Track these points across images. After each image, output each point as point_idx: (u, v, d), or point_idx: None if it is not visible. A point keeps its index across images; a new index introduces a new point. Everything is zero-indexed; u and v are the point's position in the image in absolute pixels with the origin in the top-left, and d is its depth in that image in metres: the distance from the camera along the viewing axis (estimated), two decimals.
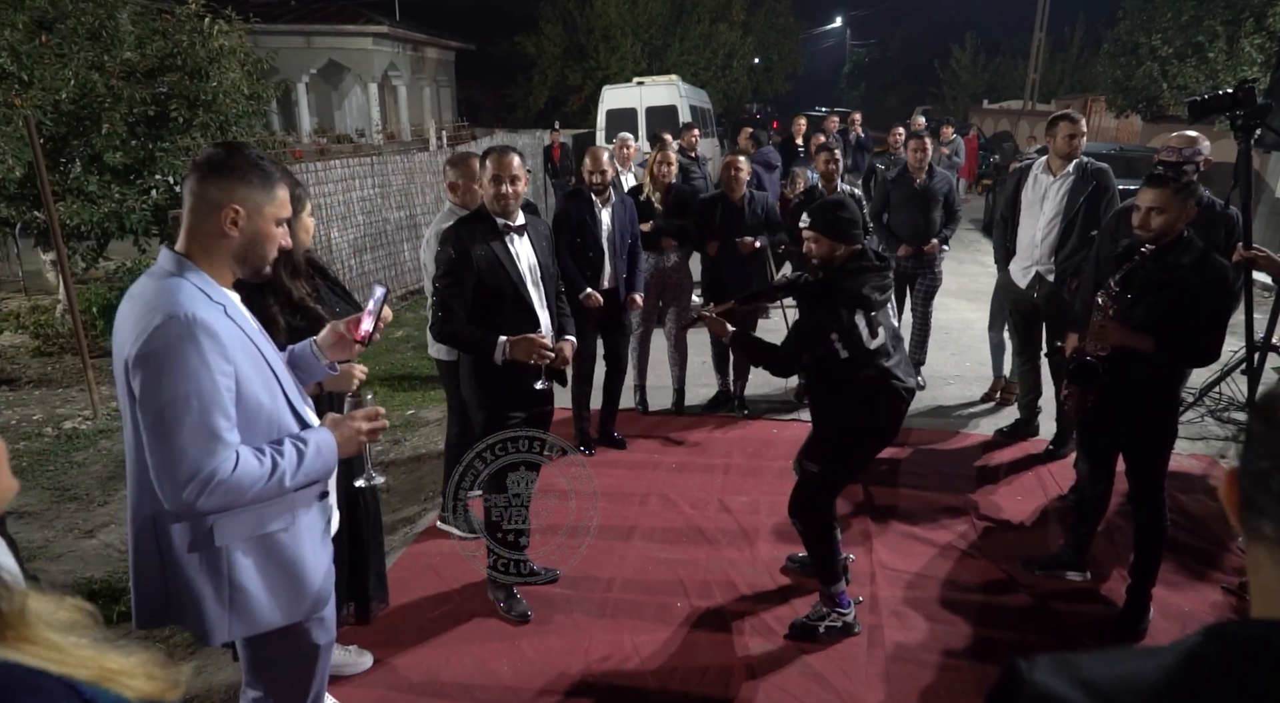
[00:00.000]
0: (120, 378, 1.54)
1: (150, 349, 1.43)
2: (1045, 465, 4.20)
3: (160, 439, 1.43)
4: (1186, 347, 2.62)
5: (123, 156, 6.45)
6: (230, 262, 1.58)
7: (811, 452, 2.83)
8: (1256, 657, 0.58)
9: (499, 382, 2.81)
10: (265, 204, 1.57)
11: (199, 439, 1.43)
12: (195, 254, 1.55)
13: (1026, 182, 4.19)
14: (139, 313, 1.48)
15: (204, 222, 1.54)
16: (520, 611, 2.98)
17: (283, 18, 20.20)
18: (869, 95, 41.88)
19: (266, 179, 1.56)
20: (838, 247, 2.66)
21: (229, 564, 1.57)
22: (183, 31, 6.80)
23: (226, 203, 1.52)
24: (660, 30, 24.39)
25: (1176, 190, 2.63)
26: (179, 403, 1.43)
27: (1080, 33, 28.22)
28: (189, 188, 1.55)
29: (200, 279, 1.53)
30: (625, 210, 4.21)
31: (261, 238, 1.58)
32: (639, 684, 2.64)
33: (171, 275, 1.52)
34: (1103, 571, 3.22)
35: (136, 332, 1.46)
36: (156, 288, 1.51)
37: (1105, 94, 16.31)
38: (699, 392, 5.19)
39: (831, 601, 2.82)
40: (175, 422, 1.43)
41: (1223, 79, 11.35)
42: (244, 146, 1.59)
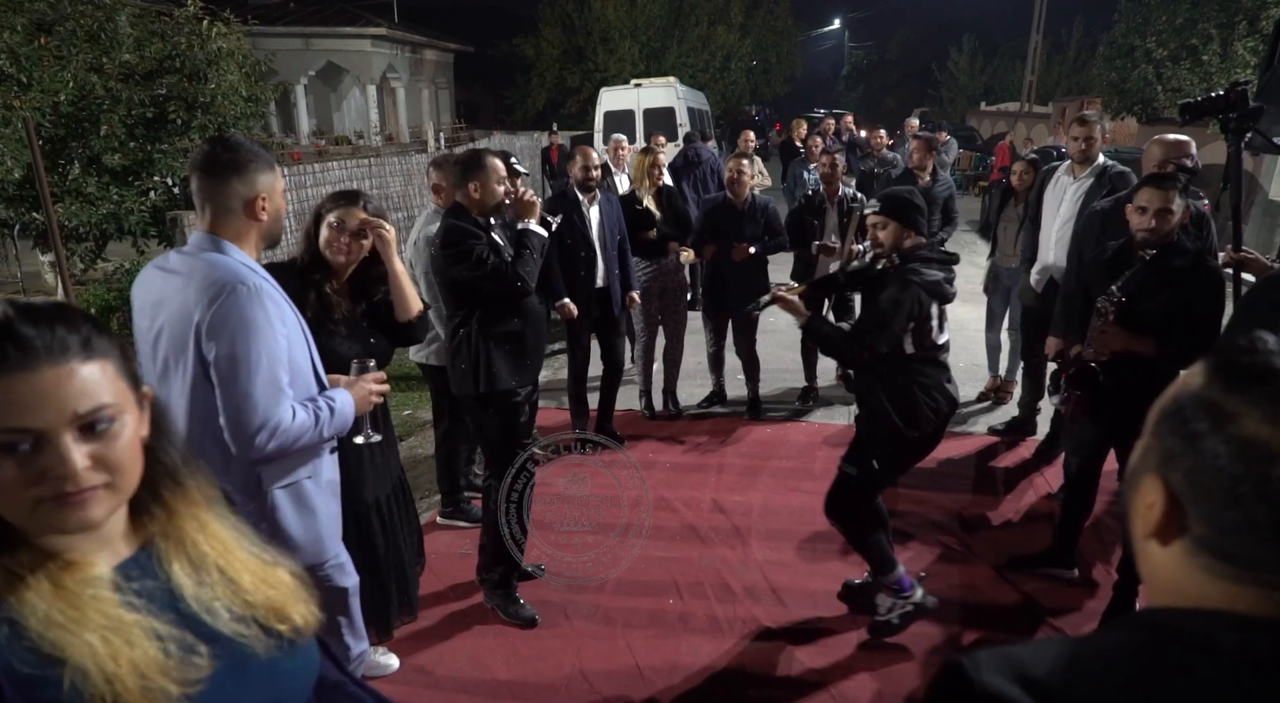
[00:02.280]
0: (170, 343, 1.66)
1: (226, 314, 1.60)
2: (1036, 465, 4.23)
3: (236, 392, 1.62)
4: (1184, 349, 2.63)
5: (121, 158, 6.48)
6: (258, 240, 1.76)
7: (854, 455, 2.77)
8: (1182, 644, 0.60)
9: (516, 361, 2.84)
10: (276, 182, 1.75)
11: (269, 392, 1.64)
12: (228, 237, 1.71)
13: (1050, 184, 4.16)
14: (198, 285, 1.63)
15: (235, 212, 1.70)
16: (526, 615, 2.95)
17: (281, 20, 20.23)
18: (867, 97, 41.96)
19: (268, 162, 1.73)
20: (907, 234, 2.62)
21: (272, 509, 1.77)
22: (181, 34, 6.83)
23: (254, 193, 1.69)
24: (658, 32, 24.44)
25: (1181, 191, 2.66)
26: (253, 360, 1.61)
27: (1077, 35, 28.31)
28: (205, 187, 1.68)
29: (242, 257, 1.71)
30: (612, 208, 4.24)
31: (280, 213, 1.77)
32: (633, 682, 2.66)
33: (212, 252, 1.68)
34: (1090, 567, 3.25)
35: (204, 300, 1.60)
36: (208, 262, 1.66)
37: (1101, 96, 16.36)
38: (692, 391, 5.22)
39: (894, 589, 2.81)
40: (250, 377, 1.61)
41: (1216, 81, 11.40)
42: (236, 138, 1.73)
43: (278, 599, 0.94)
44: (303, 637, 0.96)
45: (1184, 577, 0.64)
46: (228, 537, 0.94)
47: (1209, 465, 0.60)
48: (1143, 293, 2.69)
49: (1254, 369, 0.61)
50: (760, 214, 4.61)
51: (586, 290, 4.19)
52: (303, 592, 0.98)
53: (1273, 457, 0.57)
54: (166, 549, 0.90)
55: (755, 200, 4.62)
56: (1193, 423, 0.62)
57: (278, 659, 0.93)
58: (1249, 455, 0.58)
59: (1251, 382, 0.60)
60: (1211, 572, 0.62)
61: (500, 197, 2.77)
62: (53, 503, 0.79)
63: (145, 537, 0.91)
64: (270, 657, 0.92)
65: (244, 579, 0.93)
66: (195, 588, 0.89)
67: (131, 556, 0.89)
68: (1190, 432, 0.62)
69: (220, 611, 0.89)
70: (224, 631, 0.89)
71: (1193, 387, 0.64)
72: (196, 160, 1.69)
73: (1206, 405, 0.62)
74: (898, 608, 2.81)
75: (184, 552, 0.90)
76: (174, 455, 0.92)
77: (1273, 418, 0.58)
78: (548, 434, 4.56)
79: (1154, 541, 0.66)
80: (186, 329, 1.63)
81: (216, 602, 0.90)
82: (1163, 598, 0.66)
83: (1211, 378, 0.63)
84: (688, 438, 4.64)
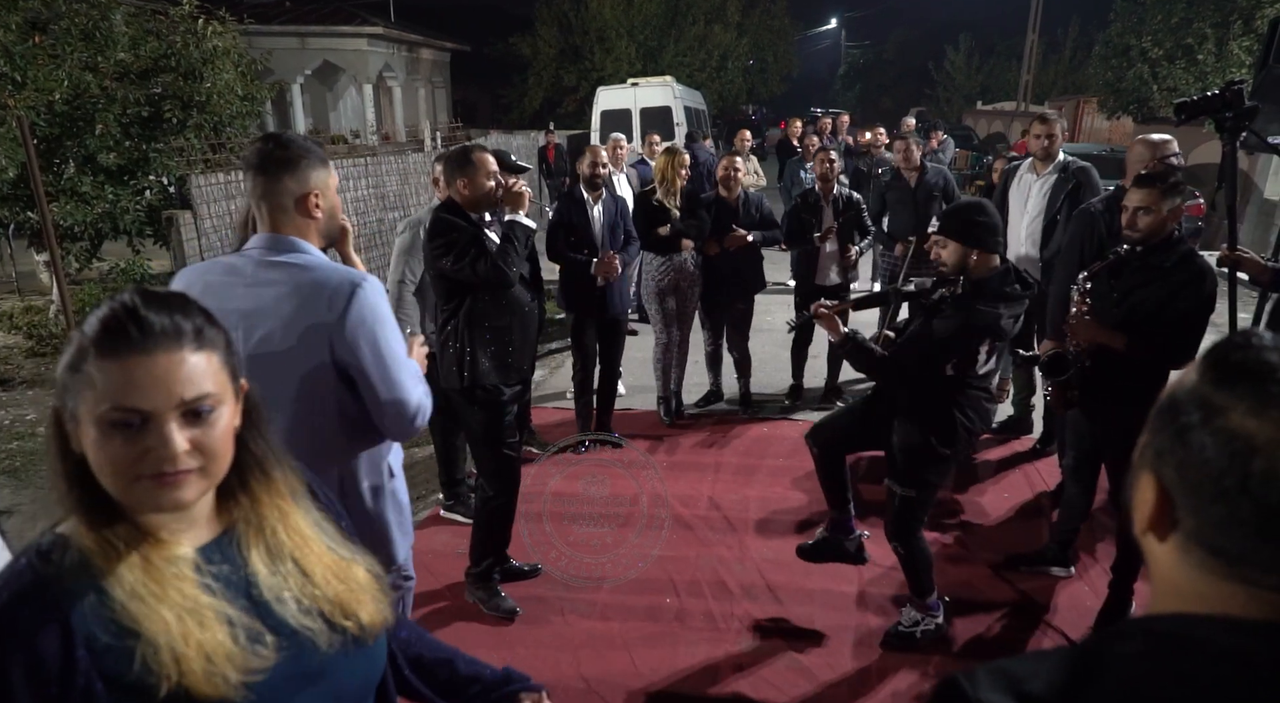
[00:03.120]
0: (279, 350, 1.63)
1: (361, 315, 1.62)
2: (1032, 463, 4.24)
3: (392, 384, 1.67)
4: (1163, 346, 2.64)
5: (116, 157, 6.45)
6: (315, 237, 1.75)
7: (903, 476, 2.71)
8: (1179, 651, 0.60)
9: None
10: (329, 179, 1.73)
11: (415, 376, 1.73)
12: (289, 233, 1.70)
13: (1013, 182, 4.27)
14: (310, 292, 1.62)
15: (290, 211, 1.68)
16: (506, 607, 3.00)
17: (277, 19, 20.16)
18: (864, 97, 42.00)
19: (321, 157, 1.72)
20: (971, 253, 2.48)
21: (395, 491, 1.84)
22: (176, 32, 6.81)
23: (308, 190, 1.67)
24: (655, 32, 24.42)
25: (1164, 190, 2.65)
26: (398, 350, 1.68)
27: (1073, 35, 28.34)
28: (259, 186, 1.67)
29: (309, 248, 1.70)
30: (615, 206, 4.25)
31: (336, 210, 1.76)
32: (630, 681, 2.66)
33: (294, 253, 1.67)
34: (1087, 566, 3.26)
35: (331, 305, 1.60)
36: (303, 267, 1.64)
37: (1097, 96, 16.40)
38: (689, 390, 5.22)
39: (926, 608, 2.81)
40: (400, 366, 1.68)
41: (1211, 81, 11.43)
42: (288, 135, 1.72)
43: (347, 595, 0.96)
44: (369, 635, 0.97)
45: (1180, 574, 0.64)
46: (307, 529, 0.97)
47: (1196, 459, 0.60)
48: (1132, 288, 2.70)
49: (1245, 364, 0.61)
50: (754, 209, 4.62)
51: (588, 291, 4.18)
52: (377, 591, 1.00)
53: (1256, 450, 0.57)
54: (247, 535, 0.93)
55: (748, 196, 4.63)
56: (1183, 417, 0.62)
57: (339, 657, 0.94)
58: (1233, 448, 0.58)
59: (1241, 376, 0.60)
60: (1204, 568, 0.62)
61: (490, 191, 2.76)
62: (151, 481, 0.83)
63: (228, 522, 0.94)
64: (332, 653, 0.93)
65: (316, 572, 0.95)
66: (269, 576, 0.92)
67: (214, 539, 0.92)
68: (1180, 426, 0.63)
69: (289, 600, 0.92)
70: (290, 621, 0.91)
71: (1187, 382, 0.64)
72: (250, 158, 1.68)
73: (1197, 400, 0.62)
74: (922, 624, 2.81)
75: (263, 539, 0.93)
76: (263, 446, 0.96)
77: (1258, 411, 0.58)
78: (547, 433, 4.56)
79: (1151, 536, 0.66)
80: (308, 336, 1.61)
81: (286, 591, 0.92)
82: (1163, 595, 0.66)
83: (1204, 373, 0.63)
84: (683, 437, 4.64)
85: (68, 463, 0.85)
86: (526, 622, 2.98)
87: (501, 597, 3.03)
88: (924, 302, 2.67)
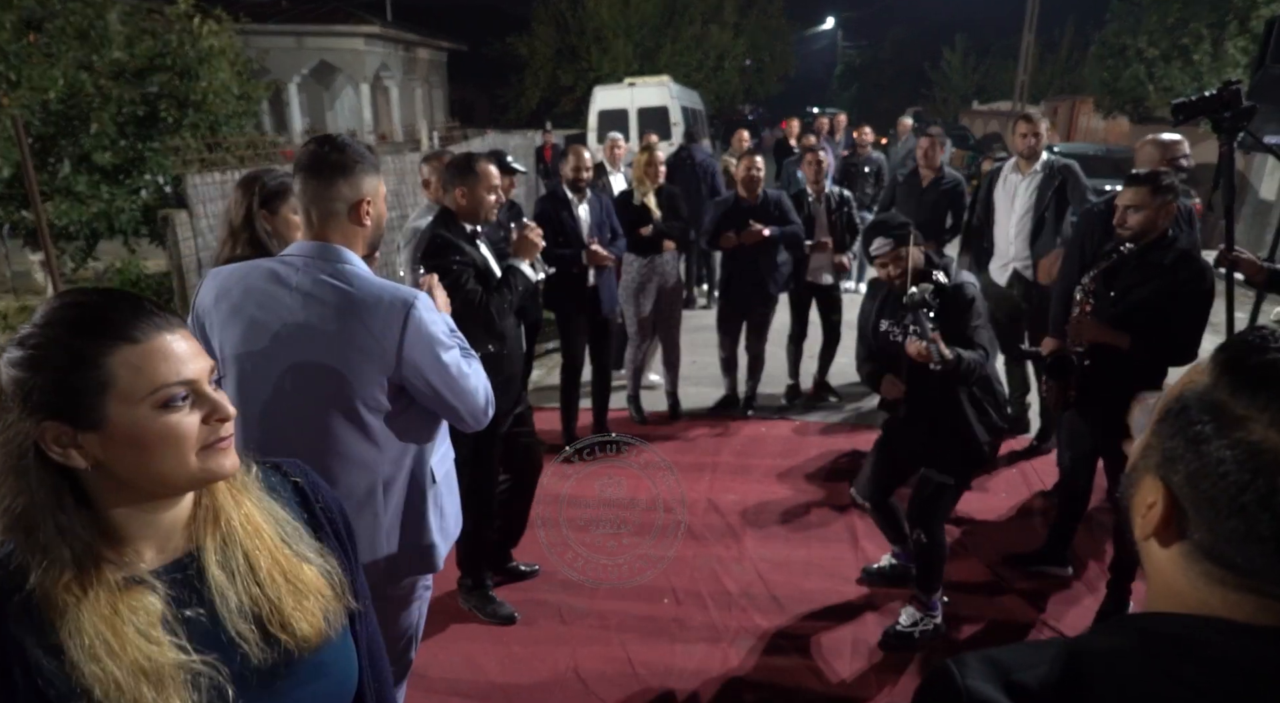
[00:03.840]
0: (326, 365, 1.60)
1: (420, 334, 1.61)
2: (1029, 461, 4.24)
3: (459, 391, 1.70)
4: (1163, 345, 2.65)
5: (112, 157, 6.43)
6: (363, 246, 1.71)
7: (946, 464, 2.74)
8: (1176, 652, 0.59)
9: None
10: (379, 187, 1.70)
11: (474, 373, 1.75)
12: (337, 243, 1.65)
13: (998, 182, 4.32)
14: (366, 312, 1.58)
15: (341, 218, 1.64)
16: (504, 614, 2.97)
17: (273, 18, 20.10)
18: (861, 97, 42.01)
19: (374, 164, 1.67)
20: (918, 250, 2.70)
21: (441, 496, 1.84)
22: (172, 31, 6.79)
23: (360, 197, 1.64)
24: (652, 31, 24.41)
25: (1155, 189, 2.66)
26: (453, 358, 1.68)
27: (1069, 35, 28.37)
28: (310, 190, 1.62)
29: (356, 260, 1.66)
30: (601, 206, 4.23)
31: (383, 219, 1.74)
32: (628, 684, 2.66)
33: (344, 263, 1.63)
34: (1084, 564, 3.26)
35: (387, 327, 1.58)
36: (351, 278, 1.60)
37: (1093, 96, 16.44)
38: (689, 391, 5.22)
39: (926, 606, 2.83)
40: (461, 374, 1.70)
41: (1207, 81, 11.46)
42: (343, 139, 1.66)
43: (288, 598, 0.91)
44: (306, 649, 0.91)
45: (1183, 581, 0.62)
46: (260, 520, 0.95)
47: (1212, 471, 0.58)
48: (1125, 287, 2.71)
49: (1264, 369, 0.58)
50: (774, 208, 4.56)
51: (577, 290, 4.18)
52: (324, 595, 0.94)
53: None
54: (206, 524, 0.91)
55: (767, 195, 4.58)
56: (1197, 424, 0.60)
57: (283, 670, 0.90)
58: (1255, 463, 0.56)
59: (1261, 383, 0.57)
60: (1211, 578, 0.60)
61: (489, 205, 2.70)
62: (211, 450, 0.86)
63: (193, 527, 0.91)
64: (266, 669, 0.88)
65: (262, 566, 0.91)
66: (218, 570, 0.89)
67: (183, 555, 0.90)
68: (1194, 434, 0.60)
69: (231, 598, 0.88)
70: (228, 628, 0.87)
71: (1199, 385, 0.62)
72: (302, 161, 1.62)
73: (1212, 407, 0.59)
74: (922, 624, 2.82)
75: (218, 528, 0.91)
76: None
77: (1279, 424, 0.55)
78: (545, 435, 4.54)
79: (1154, 542, 0.64)
80: (356, 355, 1.58)
81: (230, 591, 0.88)
82: (1162, 600, 0.65)
83: (1219, 377, 0.60)
84: (680, 437, 4.63)
85: (46, 493, 0.78)
86: (524, 623, 2.97)
87: (498, 603, 3.00)
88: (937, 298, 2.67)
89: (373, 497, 1.69)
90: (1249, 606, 0.59)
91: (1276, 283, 2.93)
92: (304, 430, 1.63)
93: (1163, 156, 3.32)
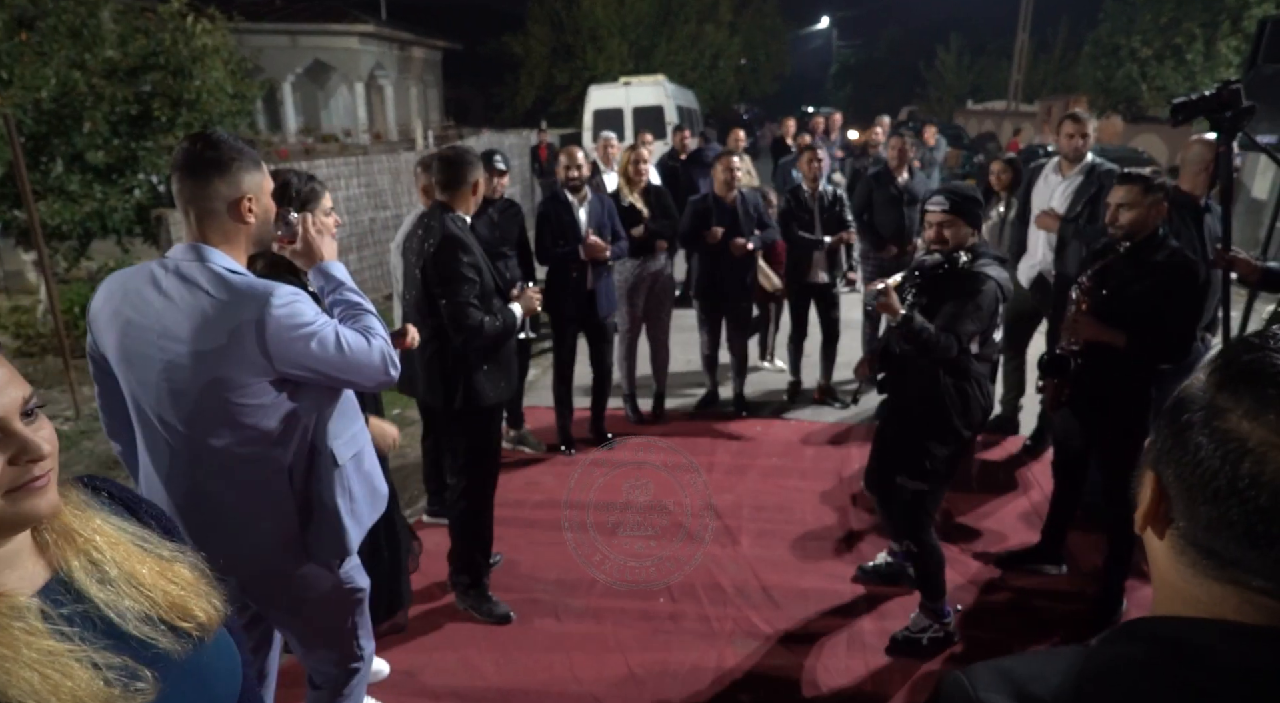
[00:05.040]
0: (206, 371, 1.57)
1: (282, 331, 1.56)
2: (1024, 461, 4.25)
3: (348, 366, 1.67)
4: (1157, 343, 2.67)
5: (105, 156, 6.40)
6: (246, 243, 1.68)
7: (912, 468, 2.69)
8: (1182, 658, 0.60)
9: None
10: (263, 182, 1.65)
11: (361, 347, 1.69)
12: (216, 243, 1.63)
13: (1038, 181, 4.18)
14: (215, 314, 1.54)
15: (220, 216, 1.61)
16: (500, 613, 2.98)
17: (267, 16, 20.04)
18: (856, 96, 42.06)
19: (254, 159, 1.63)
20: (972, 234, 2.63)
21: (348, 478, 1.80)
22: (165, 30, 6.75)
23: (239, 195, 1.60)
24: (647, 30, 24.42)
25: (1146, 188, 2.68)
26: (329, 336, 1.63)
27: (1063, 34, 28.47)
28: (187, 189, 1.58)
29: (228, 262, 1.62)
30: (602, 207, 4.24)
31: (269, 214, 1.69)
32: (624, 683, 2.66)
33: (208, 263, 1.59)
34: (1078, 564, 3.28)
35: (235, 328, 1.54)
36: (210, 282, 1.56)
37: (1087, 95, 16.48)
38: (682, 391, 5.22)
39: (935, 614, 2.79)
40: (346, 349, 1.65)
41: (1200, 80, 11.52)
42: (218, 135, 1.62)
43: (178, 596, 0.91)
44: (209, 633, 0.93)
45: (1175, 573, 0.64)
46: (112, 531, 0.91)
47: (1191, 458, 0.61)
48: (1122, 285, 2.72)
49: (1251, 366, 0.60)
50: (752, 209, 4.62)
51: (576, 292, 4.18)
52: (204, 587, 0.95)
53: (1247, 452, 0.57)
54: (64, 552, 0.86)
55: (744, 196, 4.63)
56: (1185, 416, 0.63)
57: (195, 659, 0.91)
58: (1226, 449, 0.58)
59: (1244, 378, 0.60)
60: (1196, 568, 0.62)
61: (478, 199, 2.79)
62: (23, 491, 0.78)
63: (49, 554, 0.86)
64: (187, 658, 0.89)
65: (144, 575, 0.89)
66: (101, 590, 0.85)
67: (52, 577, 0.85)
68: (1181, 425, 0.63)
69: (128, 611, 0.86)
70: (132, 633, 0.85)
71: (1196, 382, 0.64)
72: (177, 159, 1.60)
73: (1200, 400, 0.62)
74: (930, 631, 2.79)
75: (80, 551, 0.87)
76: None
77: (1255, 414, 0.58)
78: (539, 433, 4.55)
79: (1151, 535, 0.66)
80: (214, 358, 1.55)
81: (126, 601, 0.86)
82: (1162, 593, 0.66)
83: (1212, 374, 0.63)
84: (676, 437, 4.63)
85: None
86: (520, 624, 2.96)
87: (494, 602, 3.00)
88: (940, 272, 2.66)
89: (277, 484, 1.69)
90: (1234, 600, 0.60)
91: (1271, 282, 2.95)
92: (193, 429, 1.62)
93: (1213, 156, 3.18)
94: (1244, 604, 0.60)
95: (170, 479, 1.68)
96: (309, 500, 1.75)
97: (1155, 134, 13.86)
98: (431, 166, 3.33)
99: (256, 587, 1.78)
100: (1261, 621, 0.59)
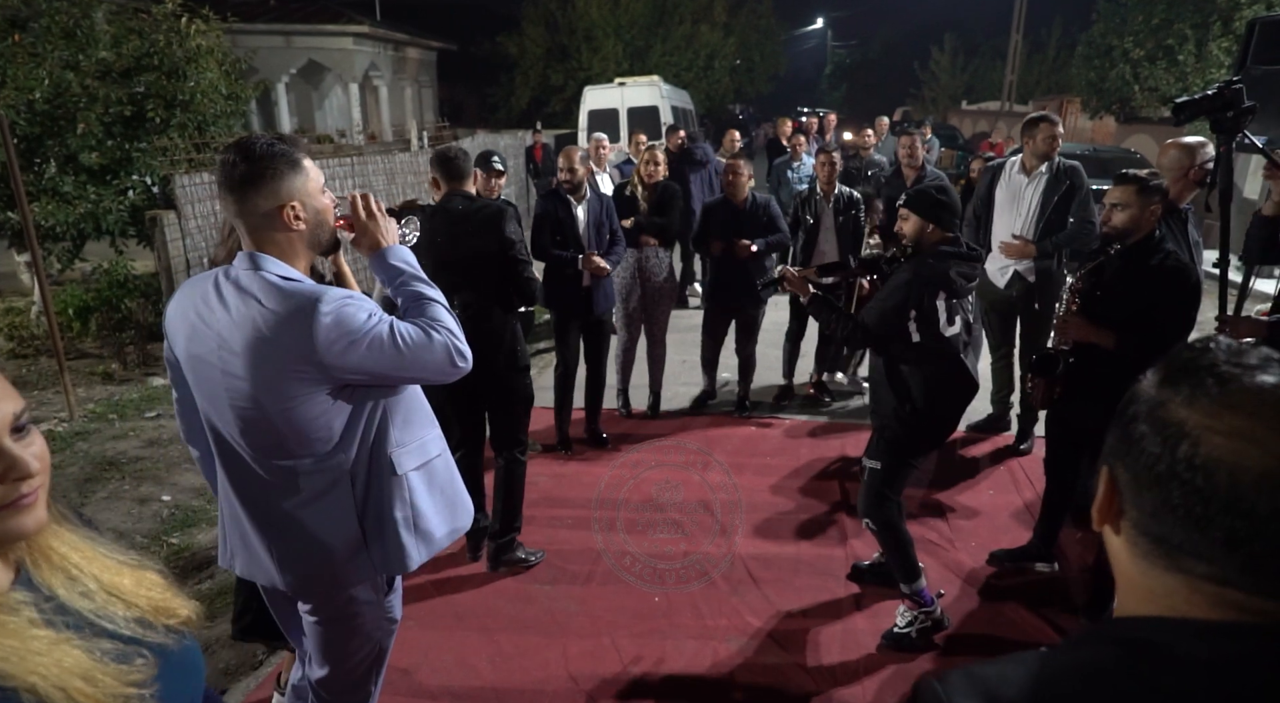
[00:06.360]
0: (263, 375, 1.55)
1: (332, 336, 1.52)
2: (1016, 460, 4.28)
3: (410, 365, 1.60)
4: (1150, 344, 2.68)
5: (99, 157, 6.39)
6: (302, 247, 1.64)
7: (874, 448, 2.80)
8: (1151, 660, 0.61)
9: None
10: (307, 183, 1.60)
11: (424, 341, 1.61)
12: (270, 251, 1.60)
13: (999, 180, 4.21)
14: (265, 322, 1.53)
15: (268, 228, 1.58)
16: (536, 561, 3.34)
17: (261, 17, 19.98)
18: (850, 96, 42.15)
19: (292, 161, 1.57)
20: (927, 226, 2.69)
21: (409, 490, 1.73)
22: (159, 31, 6.74)
23: (280, 203, 1.56)
24: (642, 31, 24.43)
25: (1141, 189, 2.69)
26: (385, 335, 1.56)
27: (1057, 35, 28.58)
28: (230, 204, 1.56)
29: (283, 269, 1.59)
30: (601, 206, 4.25)
31: (321, 214, 1.64)
32: (619, 681, 2.67)
33: (263, 271, 1.57)
34: (1070, 561, 3.30)
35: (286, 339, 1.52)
36: (263, 291, 1.54)
37: (1080, 95, 16.56)
38: (678, 390, 5.24)
39: (917, 601, 2.80)
40: (407, 346, 1.58)
41: (1192, 81, 11.57)
42: (251, 144, 1.56)
43: (160, 598, 0.91)
44: (194, 626, 0.95)
45: (1132, 566, 0.66)
46: (84, 545, 0.90)
47: (1135, 447, 0.64)
48: (1115, 286, 2.74)
49: (1190, 361, 0.64)
50: (762, 212, 4.59)
51: (574, 290, 4.19)
52: (175, 588, 0.96)
53: (1185, 435, 0.60)
54: (40, 567, 0.85)
55: (755, 199, 4.61)
56: (1130, 411, 0.66)
57: (188, 651, 0.93)
58: (1165, 434, 0.62)
59: (1183, 373, 0.64)
60: (1150, 560, 0.64)
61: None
62: (9, 509, 0.77)
63: (9, 559, 0.85)
64: (181, 648, 0.92)
65: (125, 585, 0.89)
66: (86, 601, 0.85)
67: (18, 577, 0.84)
68: (1127, 419, 0.66)
69: (120, 620, 0.86)
70: (124, 632, 0.86)
71: (1143, 381, 0.68)
72: (218, 176, 1.57)
73: (1145, 395, 0.66)
74: (918, 623, 2.80)
75: (56, 567, 0.86)
76: None
77: (1191, 401, 0.61)
78: (537, 434, 4.55)
79: (1109, 532, 0.68)
80: (267, 368, 1.55)
81: (112, 608, 0.86)
82: (1123, 589, 0.69)
83: (1157, 372, 0.67)
84: (674, 436, 4.65)
85: None
86: (515, 622, 2.97)
87: (526, 549, 3.34)
88: (882, 267, 2.82)
89: (339, 492, 1.67)
90: (1184, 591, 0.62)
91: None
92: (249, 439, 1.62)
93: (1191, 162, 3.19)
94: (1194, 594, 0.62)
95: (239, 486, 1.69)
96: (367, 511, 1.70)
97: (1147, 134, 13.93)
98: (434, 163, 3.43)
99: (305, 589, 1.74)
100: (1212, 610, 0.61)
